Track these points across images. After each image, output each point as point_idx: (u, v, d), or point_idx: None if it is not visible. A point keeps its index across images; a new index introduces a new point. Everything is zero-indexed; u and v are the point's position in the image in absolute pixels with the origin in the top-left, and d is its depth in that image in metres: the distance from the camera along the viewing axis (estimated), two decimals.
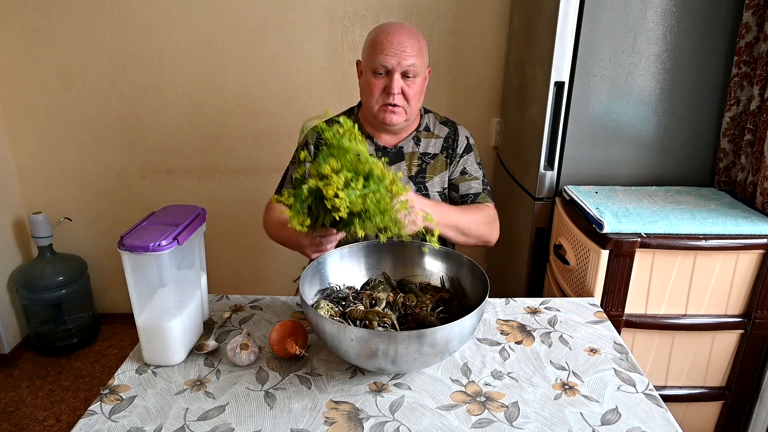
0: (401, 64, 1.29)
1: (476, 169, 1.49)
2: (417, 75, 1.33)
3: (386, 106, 1.34)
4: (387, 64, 1.30)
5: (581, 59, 1.62)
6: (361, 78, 1.40)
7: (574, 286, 1.55)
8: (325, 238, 1.18)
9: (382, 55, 1.30)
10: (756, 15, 1.55)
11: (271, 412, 0.95)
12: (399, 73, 1.31)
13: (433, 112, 1.52)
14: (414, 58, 1.30)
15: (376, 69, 1.32)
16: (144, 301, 1.03)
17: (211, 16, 2.25)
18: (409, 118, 1.39)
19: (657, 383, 1.56)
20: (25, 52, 2.29)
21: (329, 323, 0.95)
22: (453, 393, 1.00)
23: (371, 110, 1.37)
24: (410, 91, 1.33)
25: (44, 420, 2.13)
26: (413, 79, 1.33)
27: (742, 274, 1.45)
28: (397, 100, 1.32)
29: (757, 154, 1.56)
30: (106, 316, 2.75)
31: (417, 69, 1.32)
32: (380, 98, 1.34)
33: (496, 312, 1.28)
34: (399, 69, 1.30)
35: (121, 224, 2.54)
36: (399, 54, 1.29)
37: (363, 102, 1.40)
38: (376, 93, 1.34)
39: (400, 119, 1.36)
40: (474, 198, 1.47)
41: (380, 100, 1.34)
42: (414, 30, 1.35)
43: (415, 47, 1.31)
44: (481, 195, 1.47)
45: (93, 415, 0.95)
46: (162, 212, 1.10)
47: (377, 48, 1.31)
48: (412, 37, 1.32)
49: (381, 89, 1.33)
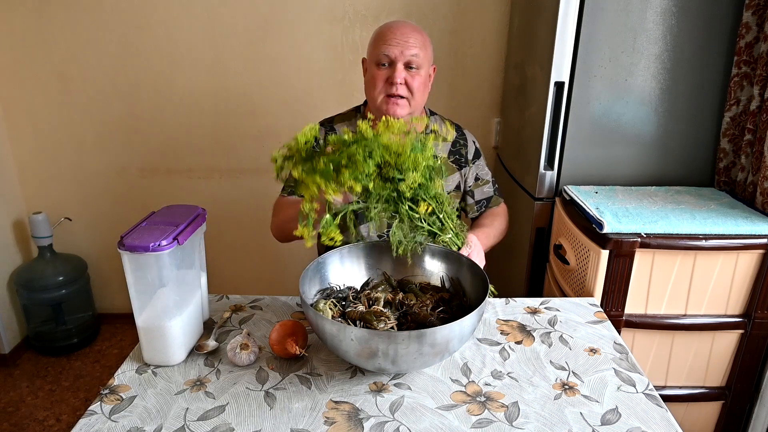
0: (404, 53, 1.30)
1: (486, 172, 1.56)
2: (420, 66, 1.33)
3: (389, 97, 1.33)
4: (390, 54, 1.30)
5: (581, 59, 1.62)
6: (366, 74, 1.40)
7: (574, 286, 1.55)
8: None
9: (385, 45, 1.31)
10: (756, 15, 1.55)
11: (271, 412, 0.95)
12: (402, 63, 1.31)
13: (438, 114, 1.52)
14: (417, 49, 1.31)
15: (380, 60, 1.32)
16: (144, 301, 1.03)
17: (211, 16, 2.25)
18: (413, 112, 1.38)
19: (657, 383, 1.56)
20: (25, 52, 2.29)
21: (329, 323, 0.95)
22: (453, 393, 1.00)
23: (375, 102, 1.36)
24: (414, 82, 1.33)
25: (44, 420, 2.13)
26: (417, 71, 1.33)
27: (742, 274, 1.45)
28: (400, 91, 1.32)
29: (757, 154, 1.56)
30: (106, 316, 2.75)
31: (420, 60, 1.32)
32: (383, 89, 1.34)
33: (496, 312, 1.28)
34: (402, 59, 1.30)
35: (121, 224, 2.53)
36: (402, 44, 1.30)
37: (367, 96, 1.40)
38: (379, 84, 1.33)
39: (404, 111, 1.35)
40: (488, 202, 1.55)
41: (383, 91, 1.34)
42: (418, 27, 1.36)
43: (419, 39, 1.32)
44: (493, 198, 1.56)
45: (93, 415, 0.95)
46: (162, 212, 1.10)
47: (381, 40, 1.32)
48: (416, 30, 1.33)
49: (384, 80, 1.33)
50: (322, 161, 0.99)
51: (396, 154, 1.02)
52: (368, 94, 1.39)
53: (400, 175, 1.04)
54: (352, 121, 1.46)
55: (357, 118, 1.45)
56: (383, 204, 1.07)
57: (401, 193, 1.07)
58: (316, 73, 2.34)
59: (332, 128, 1.45)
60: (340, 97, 2.35)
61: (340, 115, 1.49)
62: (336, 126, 1.46)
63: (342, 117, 1.48)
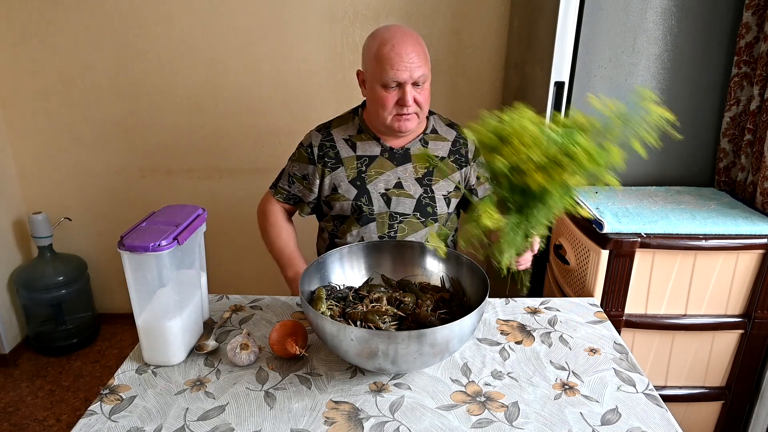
0: (412, 76, 1.29)
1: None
2: (426, 80, 1.33)
3: (400, 115, 1.34)
4: (399, 79, 1.28)
5: (581, 59, 1.62)
6: (365, 88, 1.38)
7: (574, 286, 1.55)
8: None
9: (393, 70, 1.27)
10: (756, 15, 1.55)
11: (271, 412, 0.95)
12: (410, 85, 1.30)
13: (437, 113, 1.52)
14: (423, 67, 1.30)
15: (387, 84, 1.30)
16: (144, 301, 1.03)
17: (211, 16, 2.25)
18: (421, 121, 1.40)
19: (657, 383, 1.56)
20: (25, 52, 2.29)
21: (329, 323, 0.95)
22: (453, 393, 1.00)
23: (383, 121, 1.35)
24: (421, 97, 1.33)
25: (44, 420, 2.13)
26: (423, 86, 1.32)
27: (742, 274, 1.45)
28: (410, 110, 1.32)
29: (757, 154, 1.56)
30: (106, 316, 2.75)
31: (426, 76, 1.32)
32: (394, 109, 1.33)
33: (496, 312, 1.28)
34: (410, 81, 1.29)
35: (121, 224, 2.54)
36: (410, 67, 1.28)
37: (373, 113, 1.38)
38: (389, 106, 1.32)
39: (413, 124, 1.36)
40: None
41: (394, 111, 1.33)
42: (414, 35, 1.33)
43: (422, 55, 1.30)
44: None
45: (93, 415, 0.95)
46: (162, 212, 1.10)
47: (385, 62, 1.28)
48: (417, 44, 1.31)
49: (394, 102, 1.32)
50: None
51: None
52: (375, 111, 1.37)
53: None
54: (349, 124, 1.45)
55: (355, 122, 1.45)
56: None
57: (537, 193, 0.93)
58: (316, 73, 2.33)
59: (329, 133, 1.45)
60: (340, 97, 2.35)
61: (338, 118, 1.48)
62: (333, 131, 1.45)
63: (340, 120, 1.47)
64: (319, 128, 1.47)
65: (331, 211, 1.45)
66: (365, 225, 1.41)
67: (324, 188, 1.44)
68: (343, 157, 1.42)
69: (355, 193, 1.40)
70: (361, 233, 1.41)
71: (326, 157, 1.42)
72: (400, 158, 1.42)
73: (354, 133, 1.44)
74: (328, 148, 1.42)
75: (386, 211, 1.40)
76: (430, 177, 1.43)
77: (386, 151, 1.42)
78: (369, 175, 1.41)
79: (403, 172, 1.42)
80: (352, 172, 1.41)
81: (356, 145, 1.42)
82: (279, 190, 1.50)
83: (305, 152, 1.44)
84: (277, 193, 1.50)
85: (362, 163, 1.41)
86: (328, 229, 1.49)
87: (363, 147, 1.42)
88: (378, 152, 1.42)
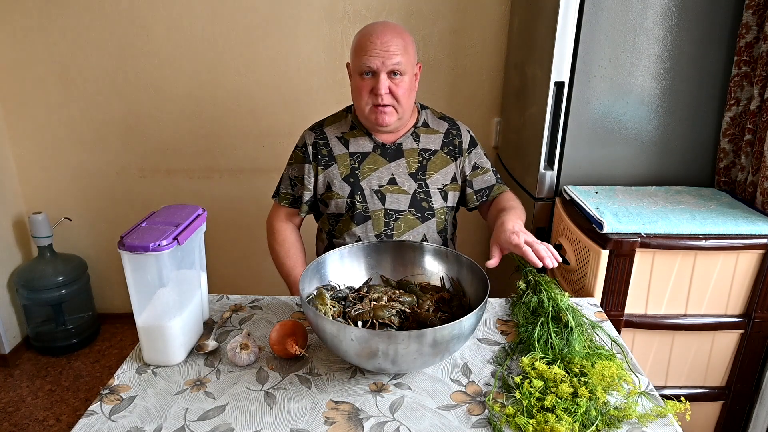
0: (386, 63, 1.29)
1: (485, 161, 1.53)
2: (404, 73, 1.33)
3: (376, 107, 1.34)
4: (372, 65, 1.30)
5: (581, 59, 1.62)
6: (351, 81, 1.40)
7: (574, 286, 1.55)
8: None
9: (366, 56, 1.30)
10: (756, 15, 1.55)
11: (271, 412, 0.95)
12: (385, 73, 1.31)
13: (430, 108, 1.52)
14: (399, 56, 1.30)
15: (362, 71, 1.32)
16: (144, 301, 1.03)
17: (211, 16, 2.25)
18: (402, 117, 1.38)
19: (657, 383, 1.56)
20: (25, 52, 2.29)
21: (329, 323, 0.95)
22: (453, 393, 1.00)
23: (363, 112, 1.37)
24: (398, 90, 1.33)
25: (44, 420, 2.13)
26: (400, 78, 1.32)
27: (742, 274, 1.45)
28: (385, 100, 1.32)
29: (757, 154, 1.56)
30: (106, 316, 2.75)
31: (403, 67, 1.31)
32: (369, 99, 1.34)
33: (496, 312, 1.28)
34: (384, 69, 1.30)
35: (121, 224, 2.54)
36: (383, 54, 1.29)
37: (355, 104, 1.41)
38: (364, 95, 1.34)
39: (392, 119, 1.36)
40: (489, 191, 1.51)
41: (369, 101, 1.34)
42: (398, 28, 1.34)
43: (400, 45, 1.31)
44: (495, 186, 1.52)
45: (93, 415, 0.95)
46: (162, 212, 1.10)
47: (361, 50, 1.31)
48: (396, 35, 1.31)
49: (369, 90, 1.33)
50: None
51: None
52: (355, 103, 1.40)
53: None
54: (342, 121, 1.46)
55: (348, 119, 1.46)
56: None
57: None
58: (316, 72, 2.34)
59: (322, 132, 1.45)
60: (340, 96, 2.35)
61: (332, 116, 1.49)
62: (326, 129, 1.46)
63: (333, 118, 1.49)
64: (312, 127, 1.48)
65: (327, 209, 1.45)
66: (361, 224, 1.41)
67: (319, 186, 1.44)
68: (336, 154, 1.42)
69: (348, 190, 1.40)
70: (357, 232, 1.42)
71: (320, 155, 1.43)
72: (393, 154, 1.42)
73: (347, 130, 1.45)
74: (322, 146, 1.43)
75: (381, 209, 1.41)
76: (425, 171, 1.43)
77: (378, 147, 1.42)
78: (362, 171, 1.41)
79: (396, 167, 1.42)
80: (345, 169, 1.41)
81: (349, 142, 1.43)
82: (282, 195, 1.50)
83: (300, 152, 1.46)
84: (281, 199, 1.50)
85: (355, 160, 1.41)
86: (326, 229, 1.50)
87: (355, 144, 1.43)
88: (370, 148, 1.42)
